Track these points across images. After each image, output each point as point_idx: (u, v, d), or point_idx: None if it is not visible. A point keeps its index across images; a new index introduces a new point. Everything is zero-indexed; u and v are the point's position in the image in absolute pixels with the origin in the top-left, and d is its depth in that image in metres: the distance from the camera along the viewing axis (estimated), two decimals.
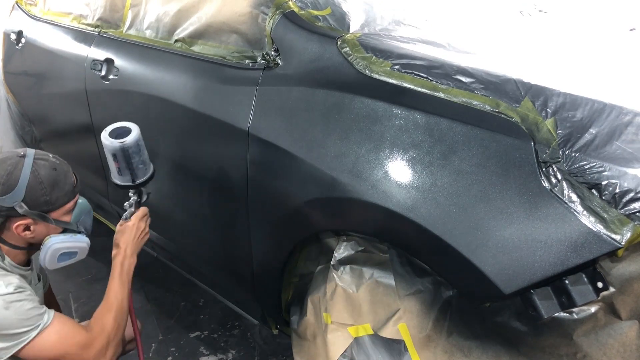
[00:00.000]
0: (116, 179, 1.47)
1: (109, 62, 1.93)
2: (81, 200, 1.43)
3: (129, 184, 1.46)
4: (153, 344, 2.17)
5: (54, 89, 2.35)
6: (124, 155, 1.40)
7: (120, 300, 1.38)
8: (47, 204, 1.28)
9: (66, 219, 1.35)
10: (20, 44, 2.63)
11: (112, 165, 1.45)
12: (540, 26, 1.66)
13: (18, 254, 1.33)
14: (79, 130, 2.23)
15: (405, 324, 1.14)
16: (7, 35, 2.80)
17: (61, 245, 1.34)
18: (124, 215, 1.50)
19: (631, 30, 1.62)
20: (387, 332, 1.16)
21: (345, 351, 1.24)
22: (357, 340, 1.23)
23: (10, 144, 2.80)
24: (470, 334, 1.06)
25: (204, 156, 1.55)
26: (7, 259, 1.31)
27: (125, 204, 1.52)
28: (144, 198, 1.54)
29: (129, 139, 1.38)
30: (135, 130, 1.41)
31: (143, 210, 1.51)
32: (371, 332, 1.20)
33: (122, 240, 1.45)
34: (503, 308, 1.01)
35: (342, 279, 1.23)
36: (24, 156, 1.28)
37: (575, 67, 1.22)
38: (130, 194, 1.51)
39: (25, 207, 1.24)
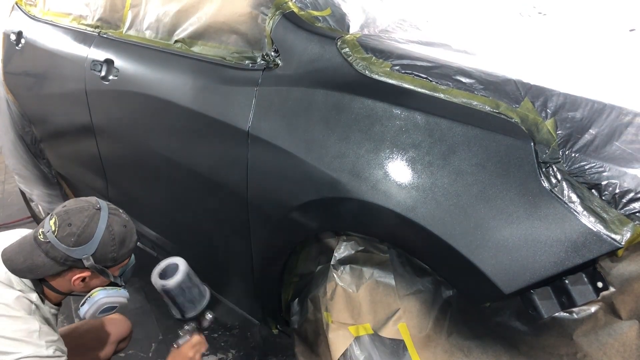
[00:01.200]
0: (171, 309, 1.51)
1: (108, 62, 1.93)
2: (126, 267, 1.43)
3: (179, 317, 1.49)
4: (153, 344, 2.18)
5: (54, 89, 2.34)
6: (169, 295, 1.44)
7: None
8: (113, 260, 1.29)
9: (116, 273, 1.36)
10: (20, 45, 2.63)
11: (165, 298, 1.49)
12: (540, 27, 1.66)
13: (57, 297, 1.34)
14: (78, 130, 2.23)
15: (405, 323, 1.14)
16: (7, 36, 2.80)
17: (107, 300, 1.34)
18: (178, 340, 1.50)
19: (631, 30, 1.62)
20: (387, 332, 1.17)
21: (346, 350, 1.24)
22: (357, 339, 1.23)
23: (10, 144, 2.80)
24: (470, 334, 1.06)
25: (204, 157, 1.55)
26: (47, 303, 1.32)
27: (184, 328, 1.52)
28: (205, 324, 1.54)
29: (170, 283, 1.42)
30: (180, 271, 1.43)
31: (196, 339, 1.49)
32: (371, 331, 1.20)
33: None
34: (503, 308, 1.01)
35: (342, 279, 1.24)
36: (99, 209, 1.26)
37: (575, 67, 1.22)
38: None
39: (92, 260, 1.24)
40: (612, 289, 0.89)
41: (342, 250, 1.24)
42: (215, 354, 2.10)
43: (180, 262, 1.47)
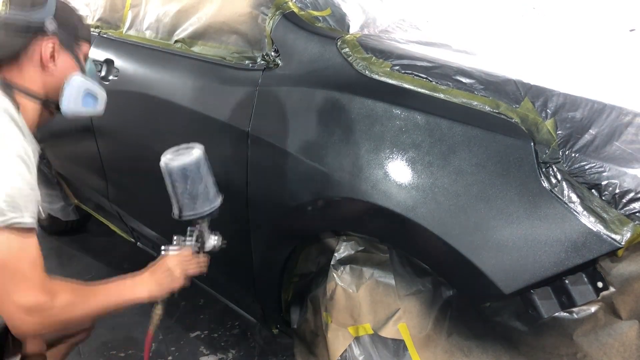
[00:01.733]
0: (172, 203, 1.26)
1: (108, 62, 1.93)
2: (90, 62, 1.26)
3: (176, 215, 1.25)
4: (153, 344, 2.17)
5: None
6: (171, 179, 1.20)
7: (107, 301, 1.15)
8: (76, 30, 1.17)
9: (83, 58, 1.22)
10: None
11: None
12: (540, 27, 1.66)
13: (32, 109, 1.14)
14: (78, 130, 2.22)
15: (405, 323, 1.14)
16: None
17: (87, 84, 1.19)
18: (168, 246, 1.30)
19: (631, 30, 1.62)
20: (387, 332, 1.17)
21: (345, 351, 1.24)
22: (357, 339, 1.23)
23: None
24: (470, 334, 1.06)
25: None
26: (22, 119, 1.09)
27: (182, 236, 1.33)
28: (208, 246, 1.31)
29: (173, 162, 1.18)
30: (191, 154, 1.19)
31: (186, 254, 1.27)
32: (371, 332, 1.20)
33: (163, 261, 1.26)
34: (503, 308, 1.01)
35: (342, 279, 1.24)
36: None
37: (575, 67, 1.22)
38: (190, 229, 1.31)
39: (55, 24, 1.11)
40: (612, 289, 0.89)
41: (342, 250, 1.24)
42: (215, 353, 2.10)
43: (197, 147, 1.22)
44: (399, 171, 1.03)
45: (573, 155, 0.88)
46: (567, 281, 0.88)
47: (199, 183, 1.20)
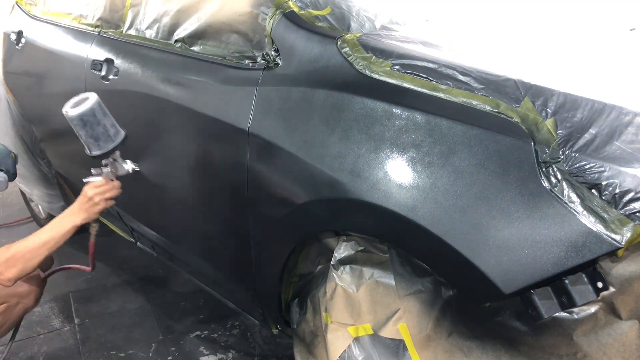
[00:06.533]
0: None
1: (109, 62, 1.93)
2: (2, 146, 1.66)
3: (88, 153, 1.53)
4: (153, 344, 2.18)
5: (54, 89, 2.35)
6: (73, 126, 1.47)
7: (49, 244, 1.50)
8: None
9: None
10: (20, 44, 2.63)
11: None
12: (540, 26, 1.66)
13: None
14: None
15: (405, 323, 1.14)
16: (7, 35, 2.80)
17: None
18: (88, 177, 1.57)
19: (631, 30, 1.62)
20: (387, 332, 1.17)
21: (344, 351, 1.24)
22: (357, 340, 1.23)
23: (10, 145, 2.80)
24: (470, 334, 1.06)
25: (204, 156, 1.55)
26: None
27: (97, 168, 1.59)
28: (120, 171, 1.59)
29: (70, 112, 1.44)
30: (85, 104, 1.44)
31: (101, 182, 1.55)
32: (371, 332, 1.20)
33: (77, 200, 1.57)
34: (503, 308, 1.01)
35: (342, 279, 1.24)
36: None
37: (575, 67, 1.22)
38: (103, 162, 1.57)
39: None
40: (612, 289, 0.89)
41: (342, 250, 1.24)
42: (215, 353, 2.10)
43: (91, 96, 1.47)
44: (398, 171, 1.03)
45: (573, 155, 0.88)
46: (567, 281, 0.88)
47: (96, 126, 1.46)
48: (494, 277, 0.90)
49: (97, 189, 1.53)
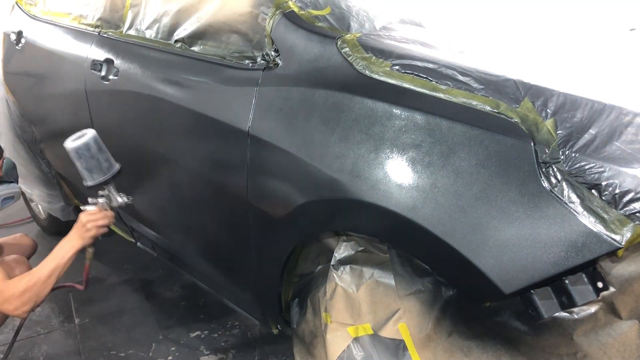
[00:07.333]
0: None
1: (108, 62, 1.93)
2: (7, 159, 1.77)
3: (84, 183, 1.68)
4: (153, 344, 2.18)
5: (54, 89, 2.34)
6: (70, 157, 1.63)
7: (53, 271, 1.62)
8: None
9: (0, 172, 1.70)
10: (20, 44, 2.63)
11: None
12: (540, 26, 1.66)
13: None
14: (78, 130, 2.22)
15: (405, 323, 1.14)
16: (7, 35, 2.80)
17: (5, 191, 1.73)
18: (86, 206, 1.72)
19: (631, 30, 1.62)
20: (387, 332, 1.17)
21: (343, 351, 1.24)
22: (357, 340, 1.23)
23: (10, 144, 2.80)
24: (470, 334, 1.06)
25: (204, 157, 1.55)
26: None
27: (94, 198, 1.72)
28: (114, 203, 1.73)
29: (68, 145, 1.61)
30: (82, 139, 1.61)
31: (94, 210, 1.69)
32: (371, 332, 1.20)
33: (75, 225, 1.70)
34: (503, 308, 1.01)
35: (342, 279, 1.24)
36: None
37: (575, 67, 1.22)
38: (99, 192, 1.72)
39: None
40: (612, 289, 0.89)
41: (342, 250, 1.24)
42: (215, 353, 2.10)
43: (89, 132, 1.65)
44: (399, 171, 1.03)
45: (573, 155, 0.88)
46: (567, 281, 0.88)
47: (90, 160, 1.62)
48: (494, 277, 0.90)
49: (91, 217, 1.68)
